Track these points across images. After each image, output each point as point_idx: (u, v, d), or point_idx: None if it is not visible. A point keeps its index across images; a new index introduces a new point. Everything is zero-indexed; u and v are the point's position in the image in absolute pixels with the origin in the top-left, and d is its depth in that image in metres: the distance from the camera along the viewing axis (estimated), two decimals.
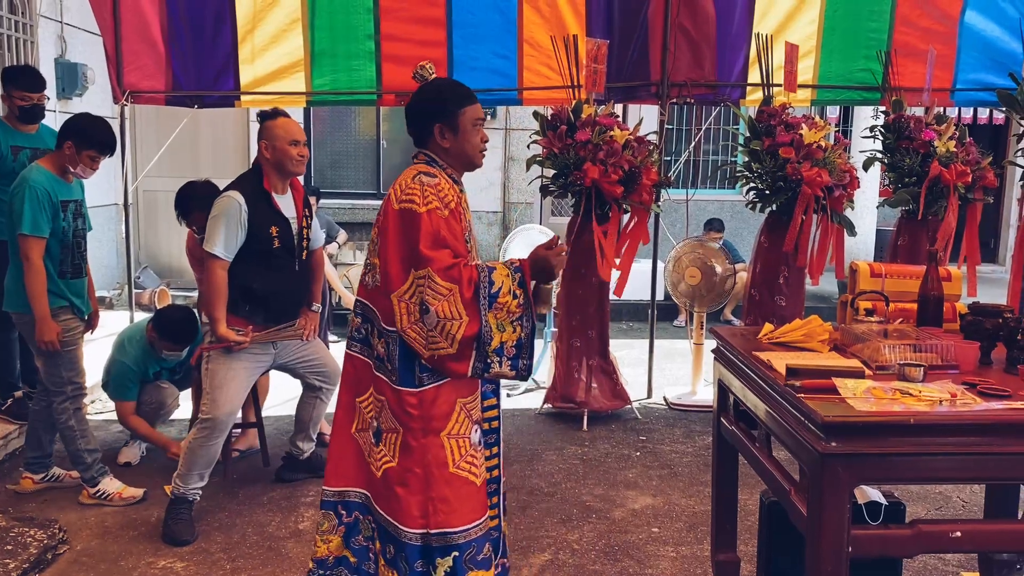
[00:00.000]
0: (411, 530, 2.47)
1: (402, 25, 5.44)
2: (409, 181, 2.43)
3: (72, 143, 3.60)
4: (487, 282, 2.38)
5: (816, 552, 2.03)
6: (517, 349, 2.42)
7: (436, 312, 2.33)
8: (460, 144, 2.52)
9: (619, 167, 4.70)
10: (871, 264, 3.13)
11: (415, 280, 2.37)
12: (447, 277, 2.34)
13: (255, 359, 3.67)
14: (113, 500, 3.78)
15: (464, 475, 2.48)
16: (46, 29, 6.66)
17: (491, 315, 2.37)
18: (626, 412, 5.25)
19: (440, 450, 2.45)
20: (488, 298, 2.37)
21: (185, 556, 3.38)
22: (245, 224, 3.52)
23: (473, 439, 2.51)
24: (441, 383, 2.46)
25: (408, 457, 2.47)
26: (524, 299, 2.42)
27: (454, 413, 2.48)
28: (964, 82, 5.67)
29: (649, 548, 3.49)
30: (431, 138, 2.52)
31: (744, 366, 2.57)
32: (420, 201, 2.38)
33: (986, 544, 2.38)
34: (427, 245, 2.34)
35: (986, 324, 2.47)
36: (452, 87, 2.59)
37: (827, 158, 4.83)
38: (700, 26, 5.38)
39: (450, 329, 2.34)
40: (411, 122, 2.56)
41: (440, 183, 2.44)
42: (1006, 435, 2.01)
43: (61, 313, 3.69)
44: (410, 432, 2.46)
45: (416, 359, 2.44)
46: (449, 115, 2.50)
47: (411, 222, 2.37)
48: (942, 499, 3.98)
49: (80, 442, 3.75)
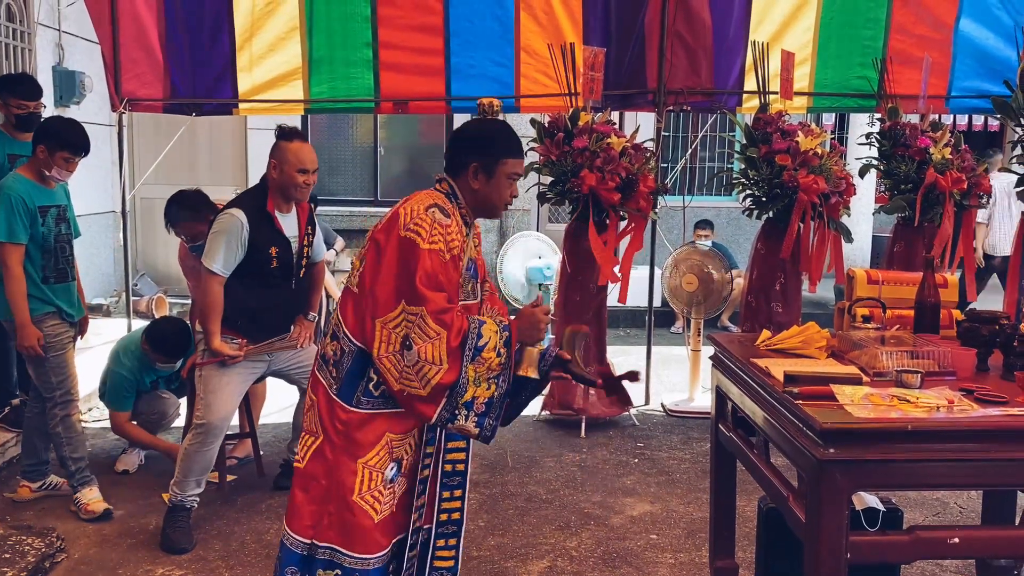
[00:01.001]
0: (296, 536, 2.43)
1: (400, 33, 5.46)
2: (422, 211, 2.34)
3: (44, 146, 3.61)
4: (476, 334, 2.31)
5: (814, 558, 2.04)
6: (486, 407, 2.35)
7: (418, 352, 2.26)
8: (489, 191, 2.46)
9: (616, 174, 4.71)
10: (868, 271, 3.14)
11: (405, 313, 2.29)
12: (438, 320, 2.27)
13: (249, 366, 3.68)
14: (82, 512, 3.76)
15: (364, 507, 2.40)
16: (44, 37, 6.67)
17: (472, 367, 2.30)
18: (624, 419, 5.25)
19: (351, 475, 2.38)
20: (473, 350, 2.30)
21: (183, 564, 3.38)
22: (245, 243, 3.52)
23: (386, 475, 2.42)
24: (377, 412, 2.39)
25: (317, 464, 2.42)
26: (506, 359, 2.35)
27: (378, 445, 2.40)
28: (959, 89, 5.70)
29: (648, 555, 3.50)
30: (464, 173, 2.45)
31: (742, 373, 2.57)
32: (426, 236, 2.30)
33: (984, 550, 2.39)
34: (424, 284, 2.28)
35: (983, 331, 2.48)
36: (504, 134, 2.52)
37: (823, 165, 4.85)
38: (696, 34, 5.40)
39: (427, 372, 2.27)
40: (452, 148, 2.50)
41: (451, 226, 2.36)
42: (1003, 441, 2.02)
43: (47, 319, 3.68)
44: (329, 443, 2.40)
45: (363, 381, 2.38)
46: (490, 159, 2.43)
47: (412, 255, 2.29)
48: (940, 505, 3.99)
49: (65, 449, 3.75)
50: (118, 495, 3.96)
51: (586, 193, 4.74)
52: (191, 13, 5.45)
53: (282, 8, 5.43)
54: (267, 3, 5.43)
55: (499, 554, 3.47)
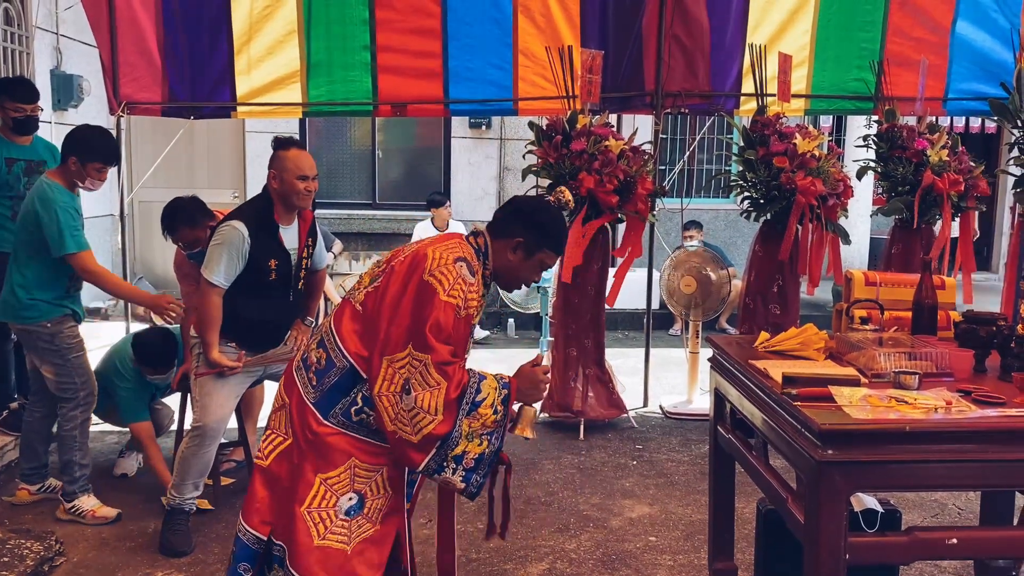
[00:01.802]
0: (252, 531, 2.40)
1: (398, 36, 5.46)
2: (451, 262, 2.32)
3: (76, 158, 3.59)
4: (475, 389, 2.30)
5: (813, 559, 2.04)
6: (476, 463, 2.33)
7: (416, 399, 2.24)
8: (518, 268, 2.48)
9: (614, 177, 4.72)
10: (866, 273, 3.15)
11: (411, 357, 2.26)
12: (440, 371, 2.25)
13: (245, 370, 3.68)
14: (86, 518, 3.74)
15: (308, 523, 2.33)
16: (42, 41, 6.67)
17: (467, 421, 2.28)
18: (622, 421, 5.25)
19: (307, 486, 2.34)
20: (471, 404, 2.29)
21: (183, 567, 3.38)
22: (246, 256, 3.51)
23: (342, 505, 2.34)
24: (347, 434, 2.35)
25: (283, 465, 2.38)
26: (502, 416, 2.34)
27: (342, 467, 2.35)
28: (956, 91, 5.71)
29: (646, 557, 3.50)
30: (505, 240, 2.45)
31: (740, 375, 2.58)
32: (447, 287, 2.28)
33: (982, 551, 2.39)
34: (433, 332, 2.25)
35: (980, 332, 2.49)
36: (560, 228, 2.54)
37: (821, 167, 4.86)
38: (694, 37, 5.41)
39: (420, 421, 2.24)
40: (507, 214, 2.50)
41: (474, 286, 2.35)
42: (1001, 442, 2.03)
43: (66, 321, 3.71)
44: (298, 448, 2.36)
45: (344, 400, 2.35)
46: (536, 243, 2.45)
47: (428, 301, 2.26)
48: (938, 506, 3.99)
49: (77, 454, 3.75)
50: (117, 499, 3.95)
51: (584, 195, 4.74)
52: (189, 16, 5.45)
53: (280, 11, 5.43)
54: (265, 6, 5.43)
55: (498, 556, 3.47)
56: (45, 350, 3.69)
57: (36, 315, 3.65)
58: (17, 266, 3.67)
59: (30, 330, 3.68)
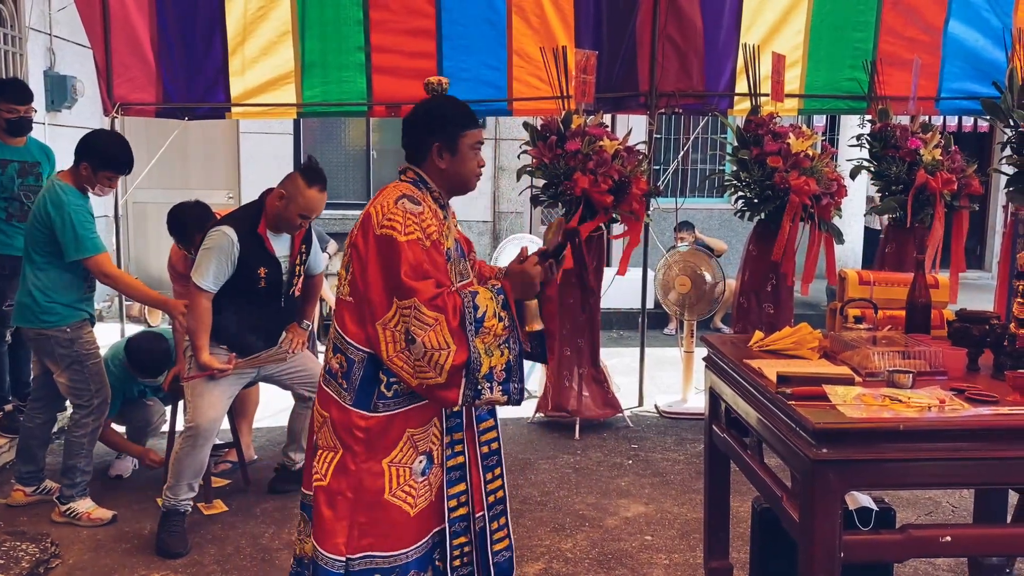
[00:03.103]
0: (330, 555, 2.38)
1: (392, 37, 5.46)
2: (392, 205, 2.33)
3: (88, 164, 3.58)
4: (471, 307, 2.30)
5: (808, 558, 2.05)
6: (507, 373, 2.34)
7: (423, 343, 2.25)
8: (457, 167, 2.44)
9: (609, 177, 4.73)
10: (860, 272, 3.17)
11: (399, 309, 2.29)
12: (432, 307, 2.26)
13: (237, 372, 3.69)
14: (81, 520, 3.73)
15: (398, 504, 2.41)
16: (35, 42, 6.65)
17: (478, 340, 2.29)
18: (617, 420, 5.26)
19: (379, 477, 2.38)
20: (474, 324, 2.29)
21: (179, 569, 3.37)
22: (235, 261, 3.53)
23: (415, 469, 2.43)
24: (395, 412, 2.39)
25: (342, 479, 2.39)
26: (509, 320, 2.34)
27: (400, 442, 2.41)
28: (949, 91, 5.73)
29: (642, 556, 3.51)
30: (428, 157, 2.43)
31: (735, 374, 2.59)
32: (401, 229, 2.29)
33: (975, 548, 2.40)
34: (409, 276, 2.27)
35: (973, 331, 2.50)
36: (458, 107, 2.50)
37: (814, 167, 4.88)
38: (688, 37, 5.42)
39: (438, 359, 2.26)
40: (409, 135, 2.48)
41: (423, 212, 2.36)
42: (994, 440, 2.04)
43: (84, 326, 3.72)
44: (351, 454, 2.38)
45: (378, 385, 2.37)
46: (450, 135, 2.41)
47: (392, 250, 2.28)
48: (932, 504, 4.01)
49: (82, 460, 3.74)
50: (112, 500, 3.95)
51: (579, 196, 4.75)
52: (183, 17, 5.45)
53: (274, 12, 5.43)
54: (259, 7, 5.43)
55: None
56: (63, 356, 3.67)
57: (55, 320, 3.64)
58: (32, 269, 3.65)
59: (48, 335, 3.66)
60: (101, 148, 3.60)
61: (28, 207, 4.41)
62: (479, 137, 2.48)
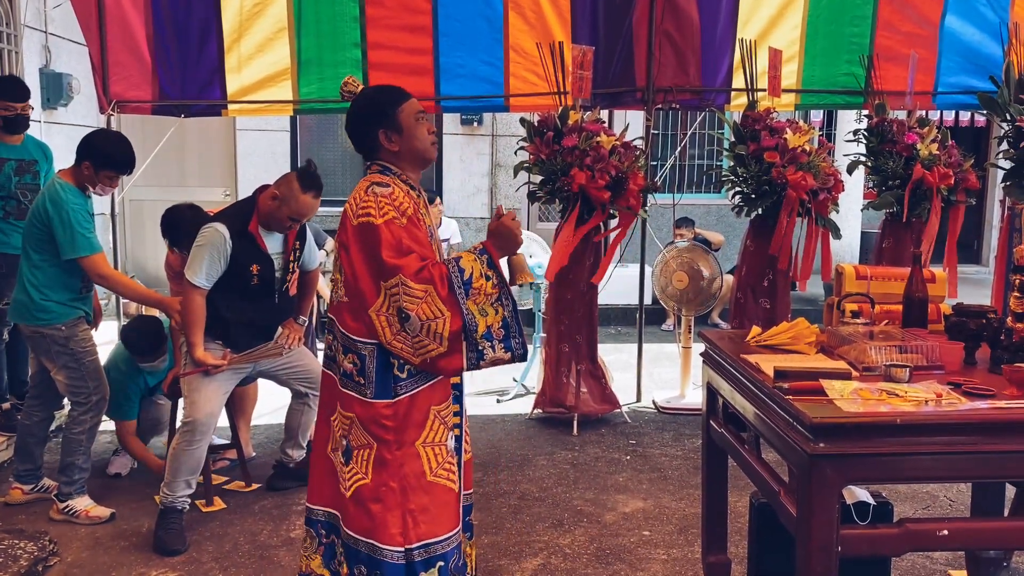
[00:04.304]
0: (390, 547, 2.42)
1: (388, 33, 5.45)
2: (363, 194, 2.40)
3: (90, 163, 3.58)
4: (457, 271, 2.36)
5: (806, 552, 2.05)
6: (505, 330, 2.39)
7: (417, 316, 2.31)
8: (408, 142, 2.49)
9: (606, 173, 4.73)
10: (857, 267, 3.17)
11: (386, 292, 2.35)
12: (419, 279, 2.32)
13: (233, 368, 3.69)
14: (79, 518, 3.72)
15: (443, 483, 2.47)
16: (30, 39, 6.64)
17: (470, 303, 2.34)
18: (615, 416, 5.27)
19: (416, 460, 2.43)
20: (463, 287, 2.34)
21: (177, 566, 3.37)
22: (228, 258, 3.55)
23: (449, 446, 2.50)
24: (415, 391, 2.44)
25: (382, 472, 2.43)
26: (498, 279, 2.40)
27: (428, 421, 2.46)
28: (945, 85, 5.73)
29: (640, 551, 3.51)
30: (379, 146, 2.49)
31: (733, 369, 2.59)
32: (376, 213, 2.35)
33: (973, 542, 2.41)
34: (390, 255, 2.32)
35: (970, 325, 2.50)
36: (381, 91, 2.57)
37: (811, 162, 4.88)
38: (684, 32, 5.42)
39: (435, 328, 2.31)
40: (355, 138, 2.53)
41: (394, 191, 2.41)
42: (991, 434, 2.04)
43: (80, 323, 3.71)
44: (384, 445, 2.42)
45: (392, 370, 2.42)
46: (388, 117, 2.47)
47: (370, 235, 2.35)
48: (929, 498, 4.02)
49: (80, 458, 3.74)
50: (110, 498, 3.95)
51: (576, 192, 4.75)
52: (179, 14, 5.44)
53: (270, 9, 5.42)
54: (255, 4, 5.42)
55: (493, 552, 3.48)
56: (59, 353, 3.67)
57: (50, 317, 3.64)
58: (29, 266, 3.65)
59: (44, 333, 3.66)
60: (103, 147, 3.60)
61: (25, 205, 4.41)
62: (416, 106, 2.52)
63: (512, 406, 5.56)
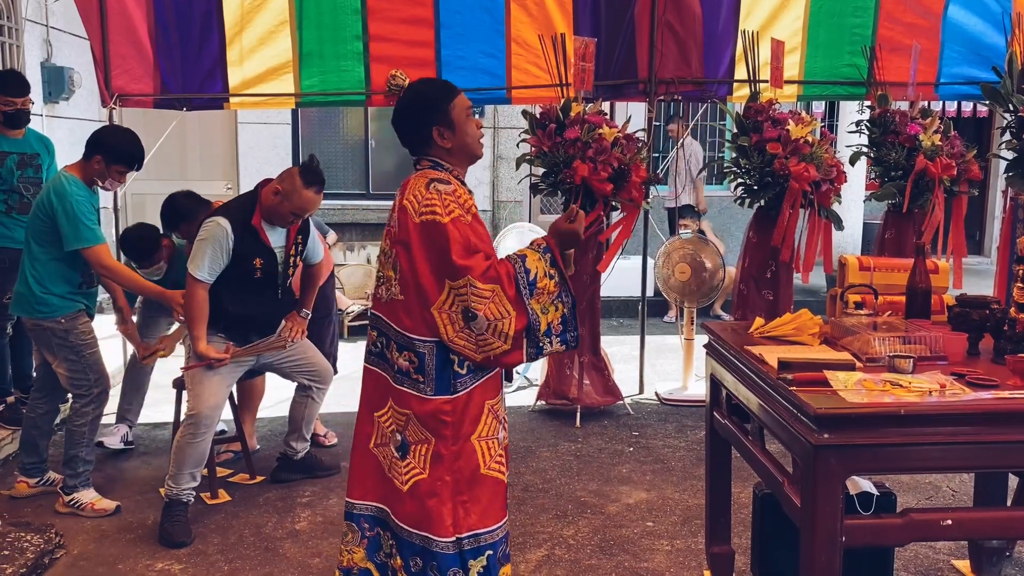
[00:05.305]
0: (444, 539, 2.46)
1: (390, 25, 5.44)
2: (425, 192, 2.38)
3: (101, 157, 3.61)
4: (523, 271, 2.38)
5: (810, 542, 2.06)
6: (563, 325, 2.44)
7: (484, 316, 2.33)
8: (460, 139, 2.49)
9: (608, 165, 4.72)
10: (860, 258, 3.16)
11: (452, 290, 2.36)
12: (487, 280, 2.33)
13: (236, 360, 3.70)
14: (85, 510, 3.74)
15: (494, 475, 2.51)
16: (32, 33, 6.63)
17: (534, 302, 2.37)
18: (618, 408, 5.28)
19: (472, 454, 2.47)
20: (528, 287, 2.37)
21: (182, 558, 3.39)
22: (230, 252, 3.56)
23: (500, 439, 2.54)
24: (473, 387, 2.46)
25: (439, 467, 2.45)
26: (559, 277, 2.43)
27: (483, 416, 2.49)
28: (948, 76, 5.72)
29: (644, 542, 3.52)
30: (431, 143, 2.48)
31: (736, 360, 2.59)
32: (442, 211, 2.34)
33: (976, 532, 2.42)
34: (460, 255, 2.32)
35: (973, 315, 2.50)
36: (433, 86, 2.56)
37: (814, 153, 4.87)
38: (686, 24, 5.41)
39: (502, 328, 2.34)
40: (405, 132, 2.52)
41: (456, 189, 2.41)
42: (994, 424, 2.05)
43: (79, 317, 3.73)
44: (442, 440, 2.44)
45: (451, 366, 2.43)
46: (442, 113, 2.46)
47: (437, 234, 2.34)
48: (932, 489, 4.02)
49: (83, 450, 3.76)
50: (115, 491, 3.97)
51: (578, 184, 4.75)
52: (180, 8, 5.42)
53: (272, 2, 5.40)
54: None
55: None
56: (59, 346, 3.69)
57: (49, 310, 3.66)
58: (31, 259, 3.68)
59: (44, 325, 3.68)
60: (115, 143, 3.64)
61: (28, 199, 4.41)
62: (466, 102, 2.52)
63: (516, 398, 5.57)
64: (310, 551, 3.44)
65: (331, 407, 4.70)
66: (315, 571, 3.28)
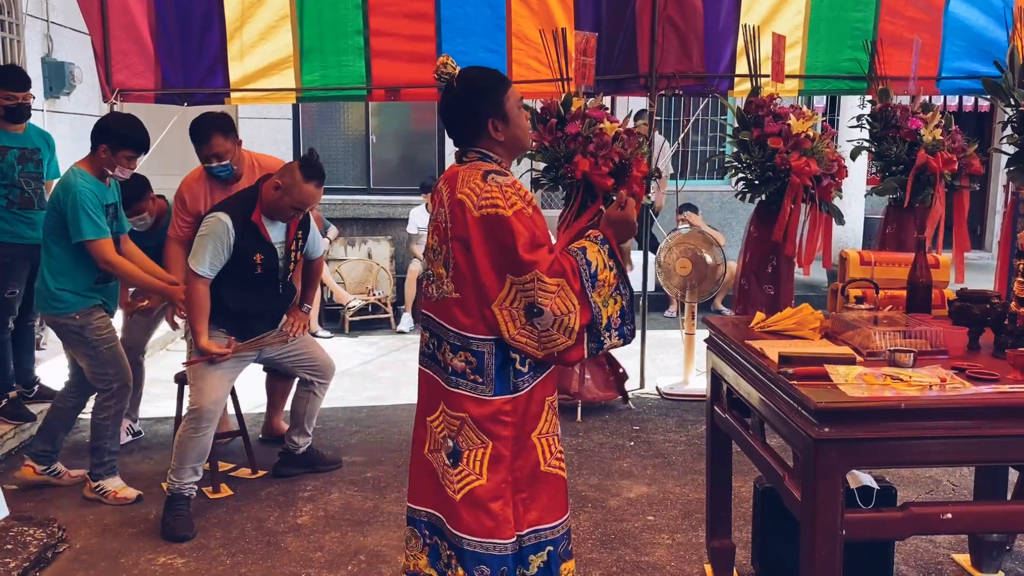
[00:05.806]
0: (506, 540, 2.38)
1: (390, 20, 5.44)
2: (482, 183, 2.28)
3: (107, 146, 3.61)
4: (585, 264, 2.32)
5: (810, 536, 2.07)
6: (621, 318, 2.39)
7: (551, 311, 2.26)
8: (512, 132, 2.40)
9: (609, 159, 4.72)
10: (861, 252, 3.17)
11: (515, 286, 2.28)
12: (553, 274, 2.26)
13: (237, 356, 3.71)
14: (108, 498, 3.79)
15: (555, 472, 2.47)
16: (32, 28, 6.63)
17: (595, 295, 2.31)
18: (619, 403, 5.28)
19: (532, 451, 2.42)
20: (591, 280, 2.31)
21: (184, 552, 3.40)
22: (231, 247, 3.57)
23: (559, 433, 2.51)
24: (533, 385, 2.40)
25: (499, 469, 2.38)
26: (617, 268, 2.38)
27: (543, 412, 2.45)
28: (949, 70, 5.71)
29: (645, 536, 3.53)
30: (484, 134, 2.38)
31: (737, 355, 2.60)
32: (504, 204, 2.25)
33: (976, 525, 2.43)
34: (526, 250, 2.25)
35: (974, 310, 2.51)
36: (487, 76, 2.44)
37: (815, 147, 4.87)
38: (687, 18, 5.40)
39: (568, 323, 2.28)
40: (456, 121, 2.42)
41: (515, 181, 2.34)
42: (994, 418, 2.05)
43: (95, 312, 3.74)
44: (502, 442, 2.37)
45: (512, 365, 2.36)
46: (496, 105, 2.37)
47: (501, 227, 2.25)
48: (932, 483, 4.03)
49: (108, 441, 3.81)
50: None
51: (579, 178, 4.75)
52: (181, 3, 5.42)
53: None
54: None
55: None
56: (77, 342, 3.72)
57: (64, 306, 3.68)
58: (47, 255, 3.71)
59: (59, 321, 3.71)
60: (118, 128, 3.64)
61: (28, 194, 4.42)
62: (518, 94, 2.46)
63: None
64: (312, 545, 3.45)
65: (331, 402, 4.70)
66: (317, 565, 3.29)
